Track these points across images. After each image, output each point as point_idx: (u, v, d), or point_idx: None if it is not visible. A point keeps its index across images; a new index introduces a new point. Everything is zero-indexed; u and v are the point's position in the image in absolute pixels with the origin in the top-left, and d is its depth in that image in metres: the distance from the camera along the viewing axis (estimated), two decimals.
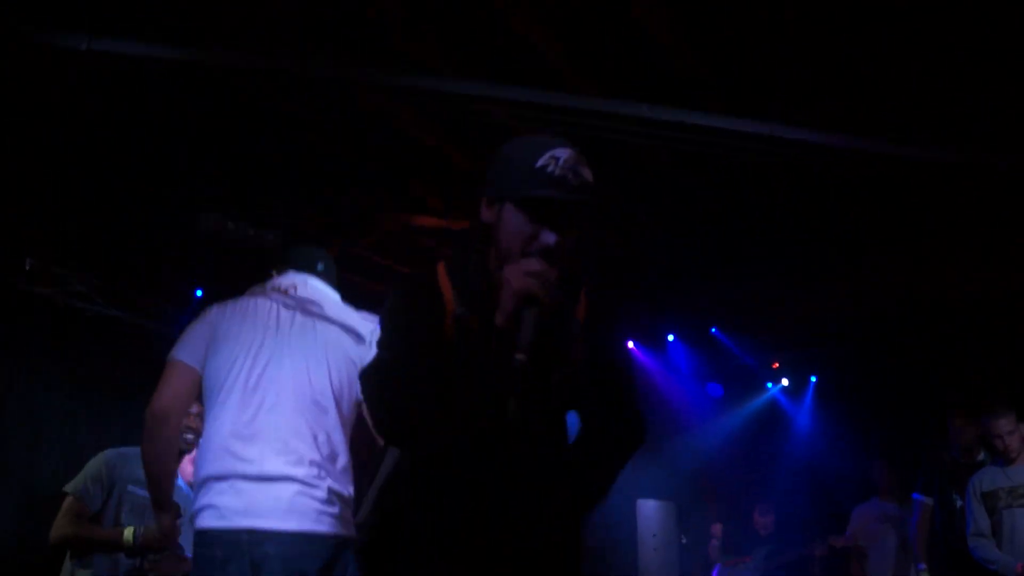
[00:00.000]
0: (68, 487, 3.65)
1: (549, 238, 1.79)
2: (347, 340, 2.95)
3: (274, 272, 3.19)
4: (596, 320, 1.95)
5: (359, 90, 4.43)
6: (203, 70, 4.08)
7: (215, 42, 4.12)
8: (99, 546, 3.54)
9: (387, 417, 1.81)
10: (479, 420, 1.78)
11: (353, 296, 7.19)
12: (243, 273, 6.89)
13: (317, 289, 3.07)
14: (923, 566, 5.76)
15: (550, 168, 1.79)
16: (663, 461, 8.10)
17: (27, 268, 5.83)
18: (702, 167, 5.79)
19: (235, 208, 5.96)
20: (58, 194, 5.87)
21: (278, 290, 3.02)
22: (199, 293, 6.71)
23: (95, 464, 3.70)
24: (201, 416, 3.35)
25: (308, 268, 3.14)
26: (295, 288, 3.01)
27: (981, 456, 5.71)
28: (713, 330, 8.09)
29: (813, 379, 8.08)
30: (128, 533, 3.52)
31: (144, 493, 3.44)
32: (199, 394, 2.89)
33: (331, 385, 2.84)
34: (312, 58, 4.00)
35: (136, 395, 6.52)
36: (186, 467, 4.54)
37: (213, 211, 5.92)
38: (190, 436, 3.75)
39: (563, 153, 1.81)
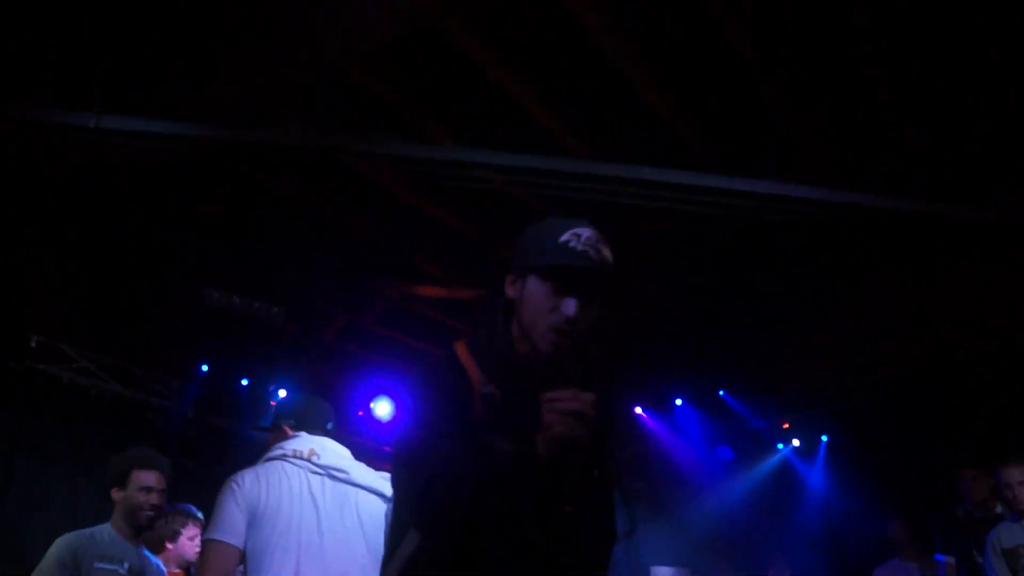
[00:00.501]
0: None
1: (570, 306, 1.83)
2: (377, 502, 3.06)
3: (288, 429, 3.24)
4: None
5: (356, 161, 4.50)
6: (204, 145, 4.12)
7: (217, 118, 4.20)
8: None
9: (419, 502, 1.79)
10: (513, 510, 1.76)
11: (359, 368, 7.18)
12: (248, 348, 6.98)
13: (337, 454, 3.16)
14: None
15: (572, 243, 1.86)
16: (676, 526, 7.95)
17: (32, 345, 5.84)
18: (703, 231, 5.82)
19: (240, 283, 6.00)
20: (62, 271, 5.92)
21: (300, 456, 3.08)
22: (204, 368, 6.70)
23: (56, 552, 3.65)
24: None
25: (319, 428, 3.24)
26: (316, 455, 3.08)
27: (999, 509, 5.61)
28: (721, 393, 8.03)
29: (824, 438, 7.98)
30: None
31: (110, 567, 3.57)
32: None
33: (368, 551, 2.96)
34: (312, 130, 4.07)
35: None
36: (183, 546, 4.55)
37: (218, 286, 5.95)
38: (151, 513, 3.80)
39: (585, 232, 1.89)
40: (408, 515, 1.85)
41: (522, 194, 4.62)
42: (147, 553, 3.90)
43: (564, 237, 1.87)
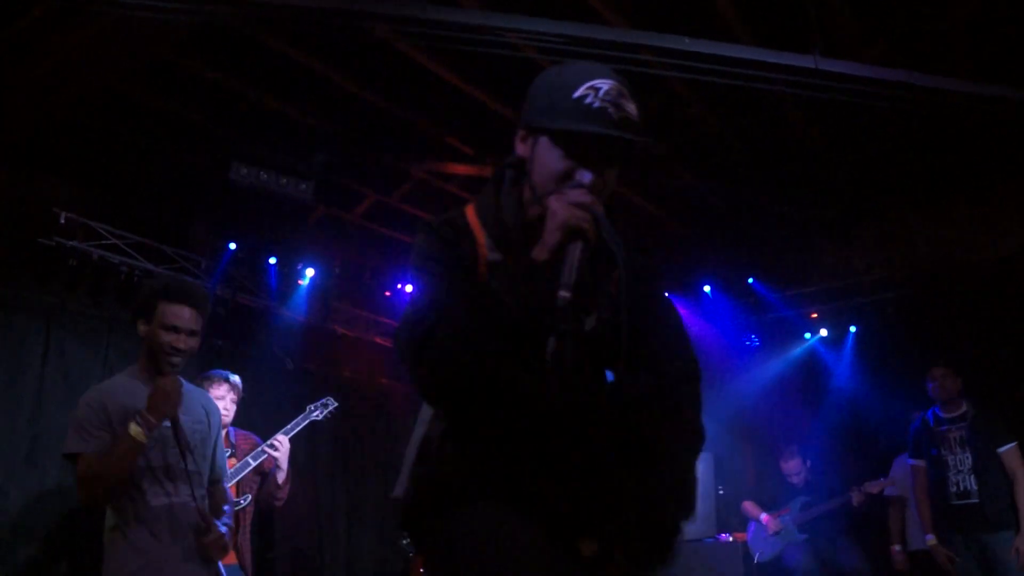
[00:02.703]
0: (72, 447, 3.02)
1: (584, 177, 1.66)
2: None
3: None
4: (635, 275, 1.77)
5: (379, 27, 4.33)
6: (227, 9, 3.98)
7: None
8: (119, 465, 2.92)
9: (427, 373, 1.66)
10: (517, 362, 1.66)
11: (385, 248, 7.18)
12: (276, 226, 6.96)
13: None
14: (931, 537, 5.68)
15: (588, 99, 1.66)
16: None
17: (61, 222, 5.83)
18: (738, 115, 5.65)
19: (268, 160, 5.91)
20: (92, 147, 5.87)
21: None
22: (232, 246, 6.69)
23: (86, 409, 3.07)
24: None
25: None
26: None
27: (964, 407, 5.66)
28: (750, 280, 7.96)
29: (853, 329, 7.92)
30: (132, 428, 2.93)
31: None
32: None
33: None
34: None
35: None
36: None
37: (245, 162, 5.87)
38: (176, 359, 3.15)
39: (604, 84, 1.67)
40: (418, 385, 1.73)
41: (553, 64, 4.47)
42: (191, 388, 3.31)
43: (579, 92, 1.66)
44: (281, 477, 4.77)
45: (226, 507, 3.41)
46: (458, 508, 1.69)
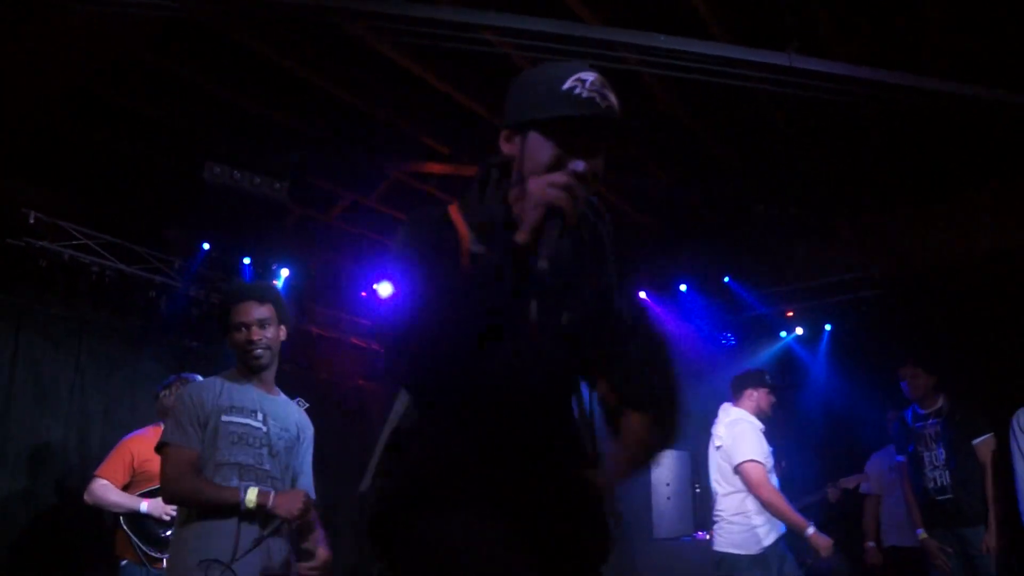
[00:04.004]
0: (167, 437, 3.10)
1: (578, 165, 1.69)
2: None
3: None
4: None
5: (363, 30, 4.30)
6: (197, 4, 3.93)
7: None
8: (213, 509, 2.98)
9: (410, 363, 1.71)
10: (498, 328, 1.68)
11: (361, 248, 7.11)
12: (250, 226, 6.89)
13: None
14: (921, 531, 5.69)
15: (577, 90, 1.71)
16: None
17: (31, 221, 5.75)
18: (714, 113, 5.67)
19: (242, 160, 5.85)
20: (62, 147, 5.79)
21: None
22: (205, 246, 6.63)
23: (184, 403, 3.13)
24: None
25: None
26: None
27: (940, 403, 5.69)
28: (726, 279, 7.99)
29: (828, 327, 7.97)
30: (252, 496, 2.98)
31: (240, 420, 3.12)
32: None
33: None
34: None
35: (142, 347, 6.56)
36: None
37: (219, 161, 5.80)
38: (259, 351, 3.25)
39: (589, 76, 1.73)
40: (400, 376, 1.78)
41: (527, 61, 4.45)
42: (286, 400, 3.43)
43: (568, 84, 1.71)
44: None
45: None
46: (431, 511, 1.68)
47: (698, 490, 7.58)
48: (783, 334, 8.21)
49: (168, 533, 4.55)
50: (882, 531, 6.72)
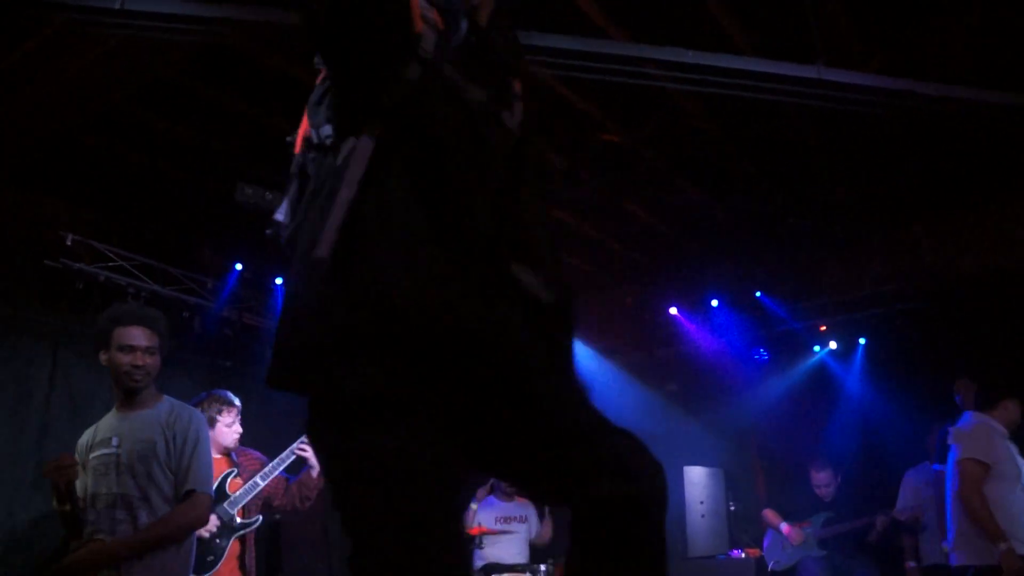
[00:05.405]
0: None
1: None
2: None
3: None
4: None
5: None
6: (228, 28, 3.98)
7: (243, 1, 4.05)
8: None
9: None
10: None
11: None
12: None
13: None
14: (1004, 544, 5.51)
15: None
16: (709, 427, 7.96)
17: (68, 244, 5.84)
18: (743, 128, 5.64)
19: (274, 180, 5.91)
20: (98, 169, 5.88)
21: None
22: (238, 267, 6.69)
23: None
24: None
25: None
26: None
27: None
28: (758, 294, 7.93)
29: (862, 341, 7.87)
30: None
31: (103, 452, 3.34)
32: None
33: None
34: None
35: (176, 366, 6.61)
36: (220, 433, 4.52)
37: (251, 182, 5.87)
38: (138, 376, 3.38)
39: None
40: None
41: (557, 79, 4.46)
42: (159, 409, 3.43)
43: None
44: (315, 473, 4.76)
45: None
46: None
47: (732, 508, 7.50)
48: (816, 348, 8.12)
49: None
50: (921, 550, 6.59)
